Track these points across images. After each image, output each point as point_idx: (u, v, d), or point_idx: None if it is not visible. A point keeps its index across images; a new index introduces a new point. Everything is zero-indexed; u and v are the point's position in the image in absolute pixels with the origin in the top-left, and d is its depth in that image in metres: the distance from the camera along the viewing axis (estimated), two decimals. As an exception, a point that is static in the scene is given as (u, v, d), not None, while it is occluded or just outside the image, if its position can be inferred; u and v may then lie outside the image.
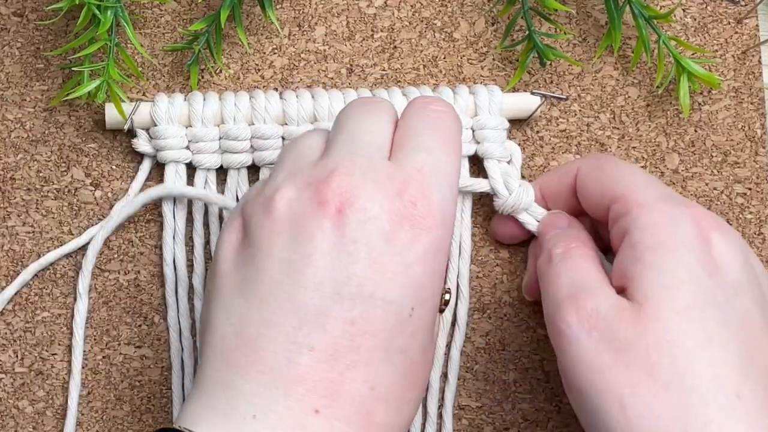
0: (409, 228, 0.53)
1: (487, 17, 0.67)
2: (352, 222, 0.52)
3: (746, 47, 0.67)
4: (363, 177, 0.53)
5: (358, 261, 0.52)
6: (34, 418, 0.64)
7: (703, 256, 0.55)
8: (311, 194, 0.53)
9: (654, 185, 0.59)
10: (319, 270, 0.52)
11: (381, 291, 0.52)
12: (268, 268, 0.53)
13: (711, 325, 0.54)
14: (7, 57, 0.66)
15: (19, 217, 0.65)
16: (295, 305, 0.52)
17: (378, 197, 0.53)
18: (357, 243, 0.52)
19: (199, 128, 0.64)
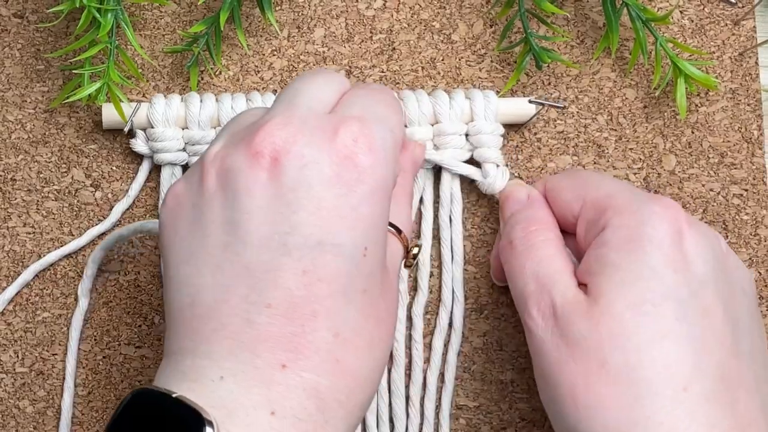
0: (352, 168, 0.52)
1: (486, 19, 0.67)
2: (289, 170, 0.52)
3: (743, 49, 0.67)
4: (299, 125, 0.53)
5: (300, 209, 0.51)
6: (34, 417, 0.65)
7: (671, 252, 0.56)
8: (245, 147, 0.52)
9: (628, 188, 0.60)
10: (263, 225, 0.51)
11: (329, 236, 0.51)
12: (212, 231, 0.52)
13: (666, 319, 0.55)
14: (7, 58, 0.66)
15: (20, 218, 0.65)
16: (244, 265, 0.51)
17: (316, 141, 0.52)
18: (296, 191, 0.51)
19: (196, 131, 0.64)
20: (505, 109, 0.65)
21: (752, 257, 0.66)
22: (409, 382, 0.65)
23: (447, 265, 0.65)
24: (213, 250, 0.52)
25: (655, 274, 0.55)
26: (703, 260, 0.56)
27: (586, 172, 0.63)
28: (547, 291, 0.57)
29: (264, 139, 0.52)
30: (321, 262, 0.51)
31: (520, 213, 0.62)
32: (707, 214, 0.66)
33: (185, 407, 0.49)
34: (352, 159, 0.52)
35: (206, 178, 0.53)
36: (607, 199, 0.59)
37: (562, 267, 0.58)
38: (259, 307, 0.51)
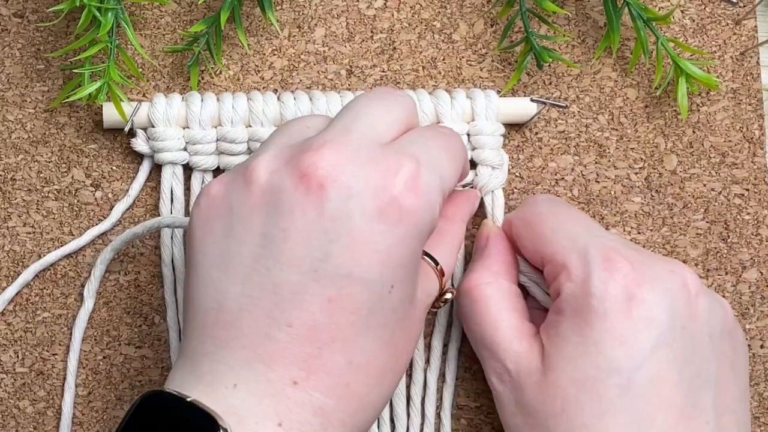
0: (395, 208, 0.52)
1: (486, 19, 0.67)
2: (334, 199, 0.52)
3: (744, 48, 0.67)
4: (352, 154, 0.53)
5: (337, 239, 0.52)
6: (34, 418, 0.65)
7: (618, 323, 0.56)
8: (294, 167, 0.52)
9: (582, 241, 0.58)
10: (297, 246, 0.52)
11: (359, 270, 0.52)
12: (247, 241, 0.53)
13: (609, 395, 0.55)
14: (7, 58, 0.66)
15: (20, 218, 0.65)
16: (273, 281, 0.52)
17: (364, 175, 0.52)
18: (336, 221, 0.52)
19: (197, 130, 0.64)
20: (506, 108, 0.65)
21: (753, 257, 0.66)
22: (410, 382, 0.64)
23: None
24: (245, 260, 0.52)
25: (600, 349, 0.56)
26: (656, 324, 0.56)
27: (542, 219, 0.61)
28: (498, 358, 0.59)
29: (314, 162, 0.52)
30: (347, 293, 0.52)
31: (475, 261, 0.63)
32: (708, 214, 0.66)
33: (200, 412, 0.50)
34: (398, 200, 0.52)
35: (251, 188, 0.53)
36: (561, 257, 0.58)
37: (509, 328, 0.59)
38: (280, 325, 0.52)
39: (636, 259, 0.57)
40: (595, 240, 0.58)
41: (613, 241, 0.58)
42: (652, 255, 0.59)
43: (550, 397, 0.56)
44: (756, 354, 0.66)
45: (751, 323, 0.66)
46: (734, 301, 0.66)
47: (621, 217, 0.66)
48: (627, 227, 0.66)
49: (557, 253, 0.58)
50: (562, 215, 0.61)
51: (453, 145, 0.57)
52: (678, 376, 0.56)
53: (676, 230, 0.66)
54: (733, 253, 0.66)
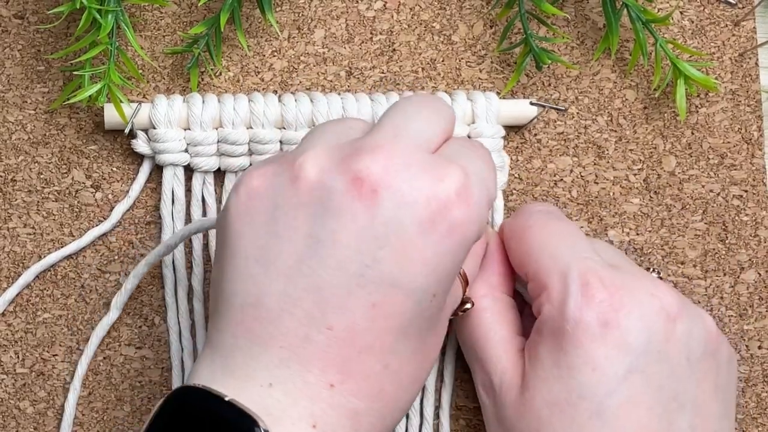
0: (447, 218, 0.52)
1: (486, 20, 0.67)
2: (387, 205, 0.51)
3: (743, 50, 0.67)
4: (406, 160, 0.52)
5: (387, 246, 0.51)
6: (35, 418, 0.65)
7: (591, 348, 0.56)
8: (347, 168, 0.52)
9: (564, 260, 0.58)
10: (345, 250, 0.51)
11: (406, 278, 0.52)
12: (292, 240, 0.52)
13: (580, 419, 0.56)
14: (8, 59, 0.66)
15: (20, 219, 0.65)
16: (317, 283, 0.51)
17: (418, 183, 0.52)
18: (388, 227, 0.51)
19: (198, 132, 0.64)
20: (505, 111, 0.65)
21: (752, 258, 0.66)
22: (410, 383, 0.65)
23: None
24: (289, 259, 0.52)
25: (572, 374, 0.56)
26: (630, 350, 0.56)
27: (530, 234, 0.61)
28: (486, 371, 0.59)
29: (368, 166, 0.51)
30: (391, 300, 0.52)
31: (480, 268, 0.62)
32: (707, 215, 0.66)
33: (238, 411, 0.50)
34: (450, 210, 0.52)
35: (299, 185, 0.52)
36: (542, 277, 0.58)
37: (500, 341, 0.60)
38: (321, 327, 0.51)
39: (616, 283, 0.57)
40: (578, 262, 0.58)
41: (596, 262, 0.58)
42: (636, 276, 0.58)
43: (525, 417, 0.57)
44: (754, 355, 0.66)
45: (749, 324, 0.66)
46: (732, 302, 0.66)
47: (620, 218, 0.66)
48: (626, 228, 0.66)
49: (539, 272, 0.58)
50: (550, 230, 0.60)
51: (488, 156, 0.57)
52: (652, 400, 0.56)
53: (675, 231, 0.66)
54: (732, 254, 0.66)
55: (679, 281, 0.66)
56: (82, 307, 0.65)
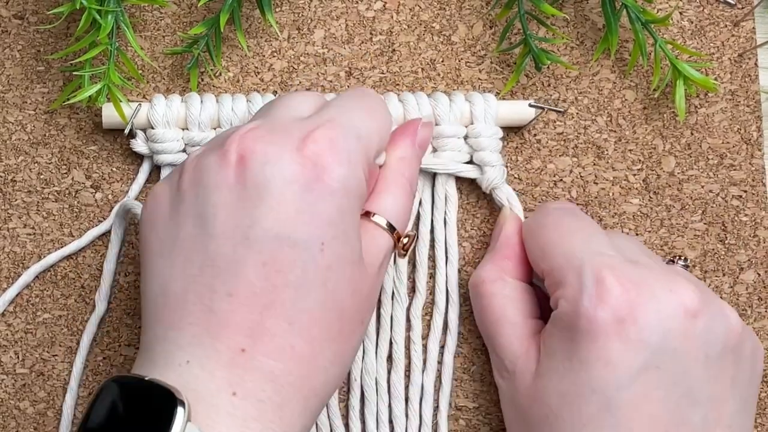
0: (311, 168, 0.54)
1: (485, 21, 0.67)
2: (253, 167, 0.54)
3: (743, 50, 0.67)
4: (268, 128, 0.56)
5: (261, 204, 0.54)
6: (35, 418, 0.65)
7: (605, 344, 0.56)
8: (216, 149, 0.56)
9: (579, 257, 0.58)
10: (228, 219, 0.54)
11: (286, 230, 0.54)
12: (183, 225, 0.55)
13: (589, 410, 0.56)
14: (8, 59, 0.66)
15: (20, 219, 0.66)
16: (210, 256, 0.54)
17: (280, 142, 0.55)
18: (258, 188, 0.54)
19: (196, 132, 0.64)
20: (504, 112, 0.65)
21: (751, 258, 0.66)
22: (408, 383, 0.65)
23: (441, 266, 0.65)
24: (183, 243, 0.55)
25: (585, 368, 0.56)
26: (645, 346, 0.56)
27: (544, 232, 0.61)
28: (499, 355, 0.61)
29: (234, 141, 0.55)
30: (279, 255, 0.54)
31: (487, 253, 0.64)
32: (706, 215, 0.66)
33: (158, 388, 0.51)
34: (313, 159, 0.54)
35: (183, 177, 0.56)
36: (557, 274, 0.59)
37: (511, 326, 0.61)
38: (222, 296, 0.53)
39: (632, 279, 0.57)
40: (592, 258, 0.58)
41: (612, 257, 0.58)
42: (655, 271, 0.58)
43: (536, 403, 0.58)
44: (753, 355, 0.66)
45: (748, 324, 0.66)
46: (732, 302, 0.66)
47: (619, 218, 0.66)
48: (625, 228, 0.66)
49: (554, 269, 0.59)
50: (564, 228, 0.61)
51: (370, 103, 0.59)
52: (664, 395, 0.56)
53: (674, 231, 0.66)
54: (731, 254, 0.66)
55: (679, 281, 0.66)
56: (82, 307, 0.65)
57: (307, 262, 0.54)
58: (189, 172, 0.56)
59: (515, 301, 0.62)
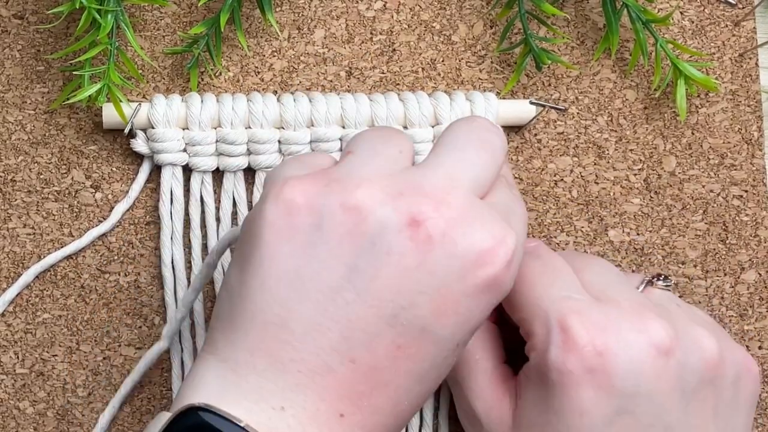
0: (489, 277, 0.51)
1: (486, 20, 0.67)
2: (438, 253, 0.50)
3: (743, 50, 0.67)
4: (463, 212, 0.51)
5: (427, 292, 0.51)
6: (35, 419, 0.65)
7: (579, 394, 0.55)
8: (405, 209, 0.51)
9: (544, 304, 0.57)
10: (385, 289, 0.50)
11: (437, 326, 0.51)
12: (331, 267, 0.51)
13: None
14: (7, 59, 0.66)
15: (20, 219, 0.65)
16: (348, 315, 0.50)
17: (472, 239, 0.51)
18: (433, 275, 0.50)
19: (196, 132, 0.64)
20: (505, 111, 0.65)
21: (752, 258, 0.66)
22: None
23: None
24: (323, 285, 0.51)
25: (560, 419, 0.55)
26: (617, 393, 0.55)
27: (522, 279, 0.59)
28: (471, 408, 0.59)
29: (426, 212, 0.51)
30: (418, 345, 0.51)
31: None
32: (707, 216, 0.66)
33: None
34: (495, 269, 0.51)
35: (349, 213, 0.51)
36: (526, 324, 0.57)
37: (483, 374, 0.59)
38: (343, 359, 0.50)
39: (599, 323, 0.55)
40: (556, 304, 0.56)
41: (577, 300, 0.56)
42: (624, 310, 0.56)
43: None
44: (754, 355, 0.66)
45: (749, 324, 0.66)
46: (733, 303, 0.66)
47: (620, 218, 0.66)
48: (626, 228, 0.66)
49: (523, 320, 0.57)
50: (527, 275, 0.58)
51: (524, 207, 0.57)
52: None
53: (675, 231, 0.66)
54: (732, 254, 0.66)
55: (680, 281, 0.66)
56: (81, 307, 0.65)
57: (437, 358, 0.52)
58: (358, 212, 0.50)
59: (486, 346, 0.60)
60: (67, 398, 0.65)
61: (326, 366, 0.50)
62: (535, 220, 0.66)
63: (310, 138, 0.64)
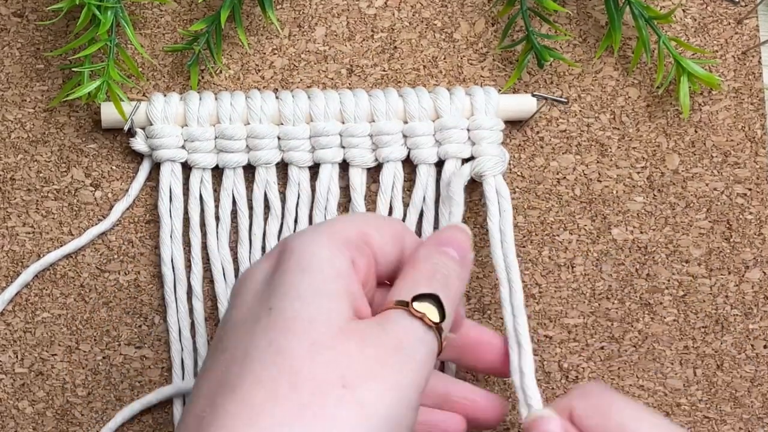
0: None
1: (488, 18, 0.67)
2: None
3: (746, 48, 0.67)
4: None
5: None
6: (34, 418, 0.64)
7: None
8: None
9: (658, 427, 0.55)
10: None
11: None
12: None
13: None
14: (7, 57, 0.66)
15: (20, 218, 0.65)
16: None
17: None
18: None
19: (195, 128, 0.64)
20: (506, 105, 0.65)
21: (756, 257, 0.66)
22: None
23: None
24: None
25: None
26: None
27: (612, 408, 0.56)
28: None
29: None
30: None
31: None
32: (711, 214, 0.66)
33: None
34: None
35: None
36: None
37: None
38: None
39: None
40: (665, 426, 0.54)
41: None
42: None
43: None
44: (759, 354, 0.66)
45: (754, 323, 0.66)
46: (737, 301, 0.66)
47: (623, 216, 0.66)
48: (629, 227, 0.66)
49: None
50: (629, 401, 0.56)
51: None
52: None
53: (679, 230, 0.66)
54: (736, 252, 0.66)
55: (684, 280, 0.66)
56: (81, 306, 0.65)
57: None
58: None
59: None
60: (67, 398, 0.64)
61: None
62: (538, 219, 0.66)
63: (310, 133, 0.64)
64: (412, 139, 0.64)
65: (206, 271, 0.65)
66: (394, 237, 0.56)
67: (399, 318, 0.52)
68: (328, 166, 0.65)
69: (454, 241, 0.57)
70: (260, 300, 0.52)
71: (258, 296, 0.52)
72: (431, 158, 0.64)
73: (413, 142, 0.64)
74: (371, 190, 0.66)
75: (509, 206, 0.63)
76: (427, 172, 0.65)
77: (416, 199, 0.65)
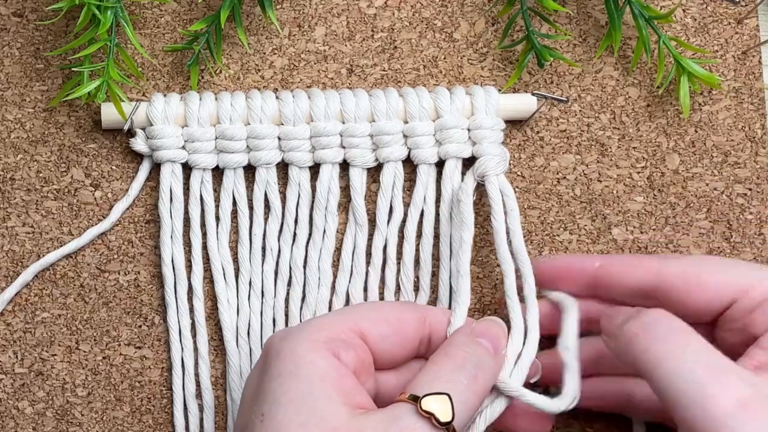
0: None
1: (488, 17, 0.67)
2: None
3: (746, 47, 0.67)
4: None
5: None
6: (33, 418, 0.64)
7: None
8: None
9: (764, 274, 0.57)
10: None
11: None
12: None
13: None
14: (6, 57, 0.66)
15: (19, 218, 0.65)
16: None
17: None
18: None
19: (195, 128, 0.64)
20: (506, 104, 0.65)
21: (756, 256, 0.66)
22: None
23: (445, 261, 0.65)
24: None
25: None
26: None
27: (715, 265, 0.58)
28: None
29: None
30: None
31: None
32: (711, 214, 0.66)
33: None
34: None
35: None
36: (753, 289, 0.56)
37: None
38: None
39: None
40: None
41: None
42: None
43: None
44: (759, 354, 0.66)
45: (754, 323, 0.66)
46: (737, 301, 0.66)
47: (623, 216, 0.66)
48: (629, 227, 0.66)
49: (749, 286, 0.56)
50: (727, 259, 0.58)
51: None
52: None
53: (679, 230, 0.66)
54: (737, 252, 0.66)
55: (683, 280, 0.66)
56: (81, 306, 0.65)
57: None
58: None
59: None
60: (67, 398, 0.64)
61: None
62: (538, 218, 0.66)
63: (310, 133, 0.64)
64: (413, 139, 0.64)
65: (206, 271, 0.65)
66: (394, 326, 0.58)
67: (406, 415, 0.53)
68: (328, 166, 0.65)
69: (489, 333, 0.59)
70: (252, 406, 0.55)
71: (251, 402, 0.55)
72: (432, 158, 0.64)
73: (413, 141, 0.64)
74: (371, 190, 0.66)
75: (515, 204, 0.63)
76: (428, 172, 0.65)
77: (416, 199, 0.65)
